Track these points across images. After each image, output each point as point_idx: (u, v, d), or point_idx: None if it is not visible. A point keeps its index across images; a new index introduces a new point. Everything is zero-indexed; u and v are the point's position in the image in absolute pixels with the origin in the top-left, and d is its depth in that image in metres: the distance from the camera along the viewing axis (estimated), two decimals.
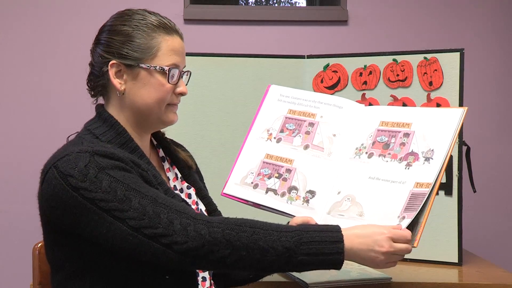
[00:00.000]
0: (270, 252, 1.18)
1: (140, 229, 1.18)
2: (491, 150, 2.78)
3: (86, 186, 1.19)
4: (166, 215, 1.19)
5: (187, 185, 1.48)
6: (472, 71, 2.51)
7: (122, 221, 1.18)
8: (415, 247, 1.30)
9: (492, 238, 2.78)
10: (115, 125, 1.35)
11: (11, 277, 2.66)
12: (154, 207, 1.19)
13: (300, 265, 1.21)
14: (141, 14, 1.38)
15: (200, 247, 1.17)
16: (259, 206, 1.48)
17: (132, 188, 1.21)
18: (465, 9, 2.79)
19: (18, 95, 2.69)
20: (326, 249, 1.20)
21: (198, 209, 1.46)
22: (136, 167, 1.27)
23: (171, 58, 1.37)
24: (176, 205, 1.22)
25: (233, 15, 2.78)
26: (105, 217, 1.19)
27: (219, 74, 2.18)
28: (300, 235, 1.21)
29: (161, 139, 1.51)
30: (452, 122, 1.39)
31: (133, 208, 1.19)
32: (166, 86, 1.36)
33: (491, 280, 1.84)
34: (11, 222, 2.66)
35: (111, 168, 1.22)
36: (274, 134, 1.54)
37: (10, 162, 2.68)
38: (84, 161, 1.21)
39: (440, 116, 1.42)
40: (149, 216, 1.18)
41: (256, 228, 1.20)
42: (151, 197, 1.21)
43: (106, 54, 1.35)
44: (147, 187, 1.23)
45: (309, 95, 1.58)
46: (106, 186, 1.19)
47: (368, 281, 1.75)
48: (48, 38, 2.69)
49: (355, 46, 2.70)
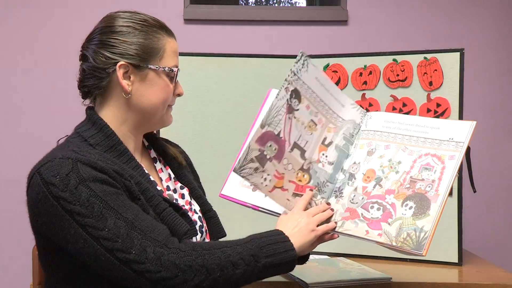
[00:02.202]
0: (240, 264, 1.23)
1: (113, 251, 1.18)
2: (491, 150, 2.78)
3: (66, 197, 1.19)
4: (140, 241, 1.19)
5: (180, 185, 1.48)
6: (472, 71, 2.51)
7: (96, 240, 1.18)
8: (424, 256, 1.32)
9: (492, 238, 2.79)
10: (104, 128, 1.34)
11: (11, 277, 2.66)
12: (128, 230, 1.19)
13: (265, 268, 1.26)
14: (141, 15, 1.38)
15: (173, 276, 1.19)
16: (257, 208, 1.48)
17: (110, 206, 1.20)
18: (465, 9, 2.79)
19: (17, 97, 2.69)
20: (281, 248, 1.28)
21: (192, 210, 1.45)
22: (119, 177, 1.26)
23: (174, 60, 1.39)
24: (151, 230, 1.21)
25: (233, 15, 2.78)
26: (80, 232, 1.19)
27: (219, 74, 2.18)
28: (257, 241, 1.28)
29: (152, 137, 1.51)
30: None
31: (108, 228, 1.18)
32: (170, 87, 1.38)
33: (491, 280, 1.84)
34: (11, 222, 2.66)
35: (92, 181, 1.21)
36: None
37: (10, 162, 2.68)
38: (67, 169, 1.20)
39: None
40: (123, 239, 1.18)
41: (223, 248, 1.25)
42: (128, 219, 1.20)
43: (112, 55, 1.33)
44: (126, 206, 1.22)
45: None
46: (84, 200, 1.19)
47: (368, 281, 1.75)
48: (44, 38, 2.70)
49: (355, 46, 2.71)
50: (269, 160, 1.37)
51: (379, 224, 1.37)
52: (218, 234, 1.49)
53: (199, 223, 1.44)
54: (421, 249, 1.31)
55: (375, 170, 1.45)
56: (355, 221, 1.39)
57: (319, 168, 1.46)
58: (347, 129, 1.51)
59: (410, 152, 1.45)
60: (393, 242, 1.34)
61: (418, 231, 1.33)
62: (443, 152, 1.42)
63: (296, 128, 1.42)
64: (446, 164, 1.40)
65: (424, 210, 1.35)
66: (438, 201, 1.35)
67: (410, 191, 1.39)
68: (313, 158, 1.45)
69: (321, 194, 1.45)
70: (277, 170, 1.39)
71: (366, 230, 1.37)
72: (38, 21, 2.70)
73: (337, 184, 1.46)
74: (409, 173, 1.42)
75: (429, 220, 1.34)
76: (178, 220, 1.31)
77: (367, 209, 1.40)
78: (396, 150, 1.46)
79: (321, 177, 1.46)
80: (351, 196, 1.43)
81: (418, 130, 1.47)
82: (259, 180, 1.37)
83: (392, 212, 1.38)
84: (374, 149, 1.48)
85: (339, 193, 1.45)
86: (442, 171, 1.40)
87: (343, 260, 1.99)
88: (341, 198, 1.44)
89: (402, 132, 1.48)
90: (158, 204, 1.31)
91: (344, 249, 2.09)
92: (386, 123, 1.51)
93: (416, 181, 1.40)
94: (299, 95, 1.42)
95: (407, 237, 1.33)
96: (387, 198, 1.40)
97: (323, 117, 1.48)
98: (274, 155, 1.38)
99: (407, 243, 1.33)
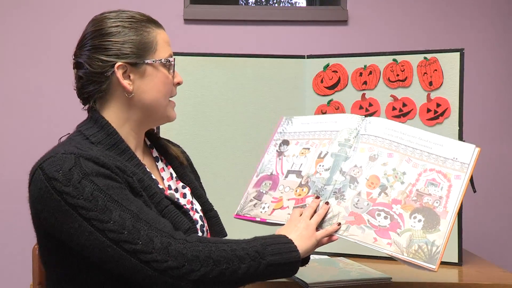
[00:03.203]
0: (246, 259, 1.24)
1: (119, 243, 1.18)
2: (491, 150, 2.78)
3: (70, 191, 1.19)
4: (146, 231, 1.19)
5: (182, 184, 1.48)
6: (472, 71, 2.51)
7: (102, 232, 1.18)
8: (436, 271, 1.31)
9: (492, 238, 2.79)
10: (106, 126, 1.34)
11: (11, 277, 2.66)
12: (134, 222, 1.19)
13: (269, 267, 1.26)
14: (127, 12, 1.38)
15: (180, 266, 1.19)
16: (265, 220, 1.50)
17: (114, 200, 1.20)
18: (465, 9, 2.80)
19: (16, 96, 2.70)
20: (285, 249, 1.29)
21: (193, 209, 1.45)
22: (122, 173, 1.26)
23: (167, 50, 1.39)
24: (157, 222, 1.22)
25: (233, 15, 2.78)
26: (85, 226, 1.18)
27: (219, 74, 2.18)
28: (262, 241, 1.29)
29: (153, 137, 1.51)
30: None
31: (113, 220, 1.18)
32: (169, 77, 1.38)
33: (491, 280, 1.84)
34: (11, 222, 2.67)
35: (95, 175, 1.21)
36: None
37: (10, 162, 2.68)
38: (69, 164, 1.20)
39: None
40: (129, 231, 1.18)
41: (229, 242, 1.26)
42: (133, 211, 1.20)
43: (108, 58, 1.33)
44: (130, 200, 1.23)
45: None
46: (88, 194, 1.19)
47: (368, 281, 1.75)
48: (43, 37, 2.70)
49: (355, 46, 2.71)
50: (265, 193, 1.54)
51: (387, 233, 1.37)
52: (219, 234, 1.50)
53: (200, 223, 1.44)
54: (434, 263, 1.31)
55: (379, 177, 1.45)
56: (361, 226, 1.38)
57: (317, 178, 1.49)
58: (342, 136, 1.54)
59: (415, 164, 1.45)
60: (404, 253, 1.34)
61: (430, 244, 1.33)
62: (449, 170, 1.43)
63: (287, 161, 1.57)
64: (453, 183, 1.41)
65: (434, 225, 1.35)
66: (447, 218, 1.36)
67: (418, 204, 1.39)
68: (310, 173, 1.51)
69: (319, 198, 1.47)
70: (274, 196, 1.52)
71: (374, 238, 1.37)
72: (39, 20, 2.70)
73: (336, 185, 1.46)
74: (415, 186, 1.42)
75: (440, 235, 1.34)
76: (180, 217, 1.32)
77: (374, 216, 1.39)
78: (399, 160, 1.46)
79: (318, 184, 1.48)
80: (354, 200, 1.42)
81: (421, 144, 1.48)
82: (259, 211, 1.51)
83: (400, 223, 1.37)
84: (377, 155, 1.48)
85: (339, 195, 1.44)
86: (449, 189, 1.40)
87: (343, 260, 1.99)
88: (342, 200, 1.43)
89: (405, 143, 1.49)
90: (160, 201, 1.31)
91: (344, 249, 2.09)
92: (388, 131, 1.51)
93: (423, 195, 1.40)
94: (287, 141, 1.61)
95: (419, 249, 1.33)
96: (394, 208, 1.40)
97: (316, 140, 1.56)
98: (269, 188, 1.54)
99: (418, 255, 1.32)
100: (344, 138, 1.52)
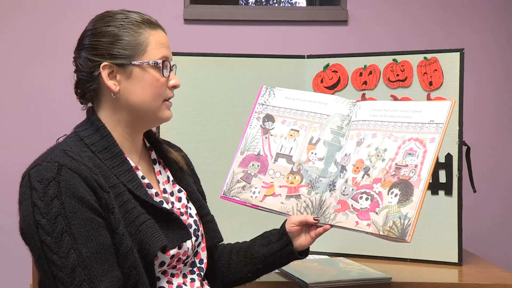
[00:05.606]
0: None
1: (56, 278, 1.18)
2: (491, 150, 2.78)
3: (41, 207, 1.20)
4: (80, 282, 1.17)
5: (178, 188, 1.46)
6: (472, 71, 2.51)
7: (47, 260, 1.19)
8: (409, 242, 1.32)
9: (492, 238, 2.79)
10: (101, 129, 1.34)
11: (11, 277, 2.66)
12: (76, 265, 1.18)
13: None
14: (123, 13, 1.37)
15: None
16: (257, 207, 1.51)
17: (71, 233, 1.19)
18: (464, 9, 2.80)
19: (17, 96, 2.70)
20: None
21: (187, 213, 1.44)
22: (99, 188, 1.24)
23: (161, 51, 1.36)
24: (99, 276, 1.19)
25: (233, 15, 2.78)
26: (38, 246, 1.20)
27: (219, 74, 2.18)
28: None
29: (154, 140, 1.50)
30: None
31: (59, 255, 1.18)
32: (160, 80, 1.35)
33: (491, 280, 1.84)
34: (11, 222, 2.66)
35: (69, 196, 1.20)
36: None
37: (10, 162, 2.68)
38: (51, 175, 1.21)
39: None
40: (66, 273, 1.18)
41: None
42: (82, 254, 1.18)
43: (94, 57, 1.33)
44: (89, 237, 1.20)
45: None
46: (52, 216, 1.19)
47: (368, 281, 1.75)
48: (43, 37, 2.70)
49: (355, 46, 2.70)
50: (254, 176, 1.53)
51: (367, 214, 1.38)
52: (215, 238, 1.48)
53: (194, 227, 1.42)
54: (405, 236, 1.31)
55: (363, 160, 1.45)
56: (346, 212, 1.41)
57: (310, 166, 1.50)
58: (334, 122, 1.53)
59: (395, 138, 1.44)
60: (380, 231, 1.35)
61: (403, 218, 1.33)
62: (425, 135, 1.41)
63: (275, 142, 1.56)
64: (428, 148, 1.39)
65: (408, 197, 1.35)
66: (420, 186, 1.35)
67: (396, 178, 1.39)
68: (302, 160, 1.52)
69: (314, 190, 1.48)
70: (264, 181, 1.52)
71: (356, 221, 1.39)
72: (39, 20, 2.70)
73: (331, 178, 1.47)
74: (394, 160, 1.41)
75: (412, 206, 1.34)
76: (155, 234, 1.28)
77: (357, 200, 1.41)
78: (382, 138, 1.46)
79: (312, 174, 1.49)
80: (342, 188, 1.44)
81: (402, 115, 1.47)
82: (248, 195, 1.52)
83: (379, 201, 1.38)
84: (363, 139, 1.48)
85: (332, 187, 1.46)
86: (424, 155, 1.39)
87: (343, 260, 1.99)
88: (334, 191, 1.45)
89: (387, 119, 1.48)
90: (137, 217, 1.28)
91: (344, 249, 2.09)
92: (373, 112, 1.51)
93: (401, 167, 1.40)
94: (272, 117, 1.59)
95: (393, 225, 1.34)
96: (374, 187, 1.40)
97: (304, 122, 1.55)
98: (258, 171, 1.53)
99: (392, 231, 1.33)
100: (336, 126, 1.52)
